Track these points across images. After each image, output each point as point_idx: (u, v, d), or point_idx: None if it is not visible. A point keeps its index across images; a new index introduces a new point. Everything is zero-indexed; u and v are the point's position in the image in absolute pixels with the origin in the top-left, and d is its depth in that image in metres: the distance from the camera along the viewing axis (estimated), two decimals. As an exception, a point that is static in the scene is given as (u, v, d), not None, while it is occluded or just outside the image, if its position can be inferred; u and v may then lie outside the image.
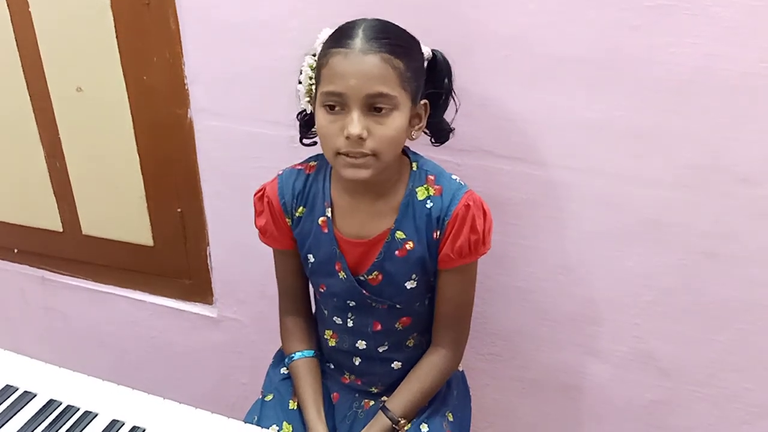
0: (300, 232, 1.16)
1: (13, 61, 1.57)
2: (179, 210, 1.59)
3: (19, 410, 0.98)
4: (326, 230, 1.13)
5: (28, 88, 1.59)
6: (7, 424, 0.95)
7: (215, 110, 1.45)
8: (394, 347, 1.22)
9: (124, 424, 0.97)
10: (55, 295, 1.81)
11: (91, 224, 1.70)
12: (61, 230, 1.73)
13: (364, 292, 1.15)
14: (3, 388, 1.02)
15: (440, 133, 1.15)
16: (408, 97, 1.00)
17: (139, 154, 1.56)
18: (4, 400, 1.00)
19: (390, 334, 1.20)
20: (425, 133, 1.14)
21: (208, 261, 1.63)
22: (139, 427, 0.96)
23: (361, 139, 0.97)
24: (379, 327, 1.19)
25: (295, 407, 1.23)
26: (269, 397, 1.26)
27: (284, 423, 1.20)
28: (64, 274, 1.78)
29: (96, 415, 0.98)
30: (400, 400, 1.18)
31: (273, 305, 1.30)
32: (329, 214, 1.13)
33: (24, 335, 1.95)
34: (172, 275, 1.69)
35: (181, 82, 1.44)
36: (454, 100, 1.12)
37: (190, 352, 1.76)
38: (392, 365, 1.23)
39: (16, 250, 1.80)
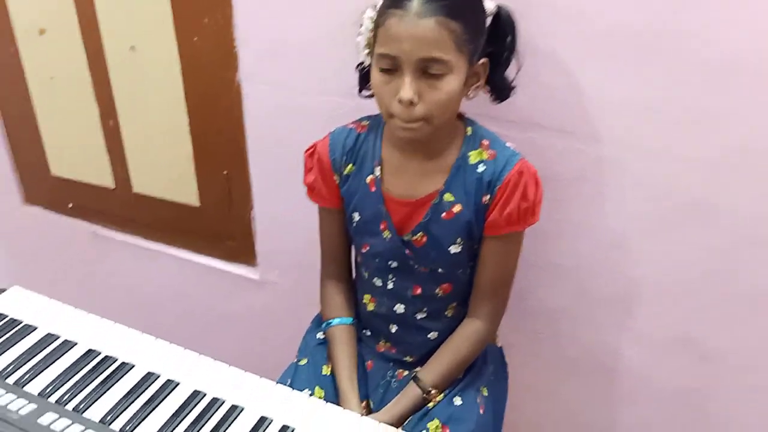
0: (347, 189, 1.17)
1: (71, 19, 1.60)
2: (225, 173, 1.61)
3: (58, 358, 1.01)
4: (374, 189, 1.14)
5: (84, 45, 1.62)
6: (45, 371, 0.99)
7: (263, 75, 1.44)
8: (432, 315, 1.21)
9: (159, 376, 0.99)
10: (104, 250, 1.86)
11: (142, 183, 1.74)
12: (113, 187, 1.77)
13: (407, 252, 1.14)
14: (44, 337, 1.05)
15: (501, 90, 1.13)
16: (464, 59, 0.99)
17: (188, 116, 1.58)
18: (44, 348, 1.03)
19: (429, 300, 1.19)
20: (485, 91, 1.12)
21: (252, 224, 1.64)
22: (173, 381, 0.98)
23: (411, 104, 0.98)
24: (419, 291, 1.18)
25: (329, 373, 1.23)
26: (303, 362, 1.26)
27: (316, 388, 1.21)
28: (114, 230, 1.83)
29: (132, 366, 1.01)
30: (433, 370, 1.17)
31: (314, 271, 1.30)
32: (378, 173, 1.13)
33: (72, 287, 2.02)
34: (217, 236, 1.71)
35: (231, 45, 1.44)
36: (516, 58, 1.10)
37: (231, 313, 1.79)
38: (428, 335, 1.22)
39: (70, 205, 1.86)
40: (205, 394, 0.96)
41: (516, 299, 1.35)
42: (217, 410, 0.94)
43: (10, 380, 0.96)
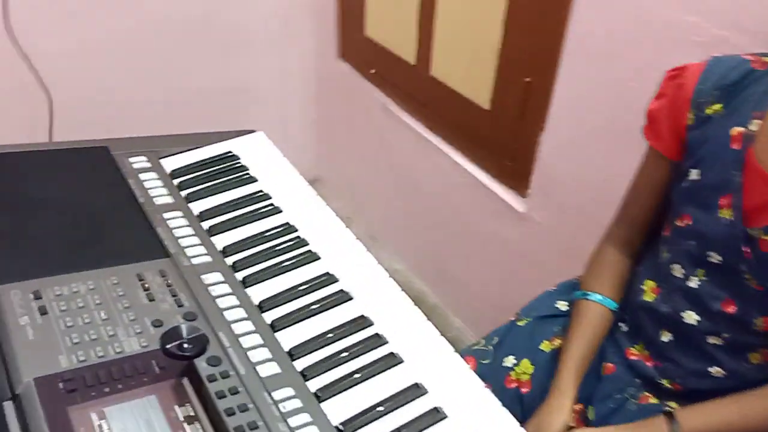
0: (698, 135, 0.85)
1: None
2: (528, 80, 1.35)
3: (257, 220, 0.93)
4: (737, 146, 0.81)
5: None
6: (239, 228, 0.91)
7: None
8: (730, 348, 0.86)
9: (336, 282, 0.85)
10: (389, 125, 1.79)
11: (441, 67, 1.58)
12: (413, 63, 1.65)
13: (745, 251, 0.80)
14: (257, 192, 0.98)
15: None
16: None
17: (507, 7, 1.33)
18: (252, 204, 0.96)
19: (739, 327, 0.84)
20: None
21: (538, 148, 1.38)
22: (347, 294, 0.83)
23: None
24: (731, 309, 0.84)
25: (548, 350, 1.01)
26: (522, 322, 1.06)
27: (525, 360, 1.02)
28: (402, 109, 1.73)
29: (317, 258, 0.88)
30: (700, 418, 0.85)
31: (592, 227, 1.03)
32: (753, 128, 0.80)
33: (352, 149, 2.01)
34: (495, 150, 1.50)
35: None
36: None
37: (481, 235, 1.59)
38: (710, 368, 0.88)
39: (372, 71, 1.80)
40: (371, 324, 0.80)
41: None
42: (373, 347, 0.77)
43: (205, 225, 0.91)
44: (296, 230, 0.92)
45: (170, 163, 1.01)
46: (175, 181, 0.98)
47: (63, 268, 0.78)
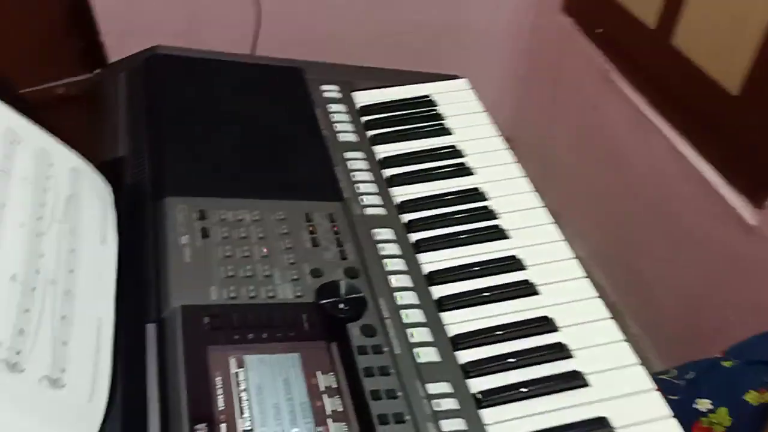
0: None
1: None
2: (801, 65, 1.09)
3: (442, 178, 0.82)
4: None
5: None
6: (418, 184, 0.81)
7: None
8: None
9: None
10: (606, 95, 1.56)
11: (686, 36, 1.33)
12: (652, 27, 1.41)
13: None
14: (447, 146, 0.86)
15: None
16: None
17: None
18: (440, 159, 0.84)
19: None
20: None
21: (793, 153, 1.12)
22: (531, 285, 0.70)
23: None
24: None
25: (755, 403, 0.84)
26: (729, 363, 0.89)
27: (723, 408, 0.86)
28: (626, 81, 1.50)
29: (505, 237, 0.76)
30: None
31: None
32: None
33: (558, 114, 1.82)
34: (735, 145, 1.24)
35: None
36: None
37: (692, 241, 1.35)
38: None
39: (599, 30, 1.58)
40: (555, 330, 0.67)
41: None
42: (553, 358, 0.64)
43: (387, 173, 0.82)
44: (486, 198, 0.80)
45: (362, 98, 0.92)
46: (364, 119, 0.89)
47: (232, 191, 0.73)
